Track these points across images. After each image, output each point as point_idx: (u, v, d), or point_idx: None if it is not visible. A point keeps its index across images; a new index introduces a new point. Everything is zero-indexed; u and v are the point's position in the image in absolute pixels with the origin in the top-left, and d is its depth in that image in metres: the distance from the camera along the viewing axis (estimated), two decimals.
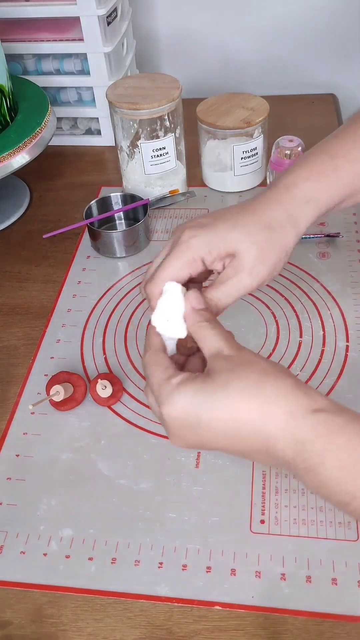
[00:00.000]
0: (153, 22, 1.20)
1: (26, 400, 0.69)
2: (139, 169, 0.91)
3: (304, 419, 0.37)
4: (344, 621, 0.50)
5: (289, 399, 0.38)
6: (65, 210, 0.96)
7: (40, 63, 1.03)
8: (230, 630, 0.50)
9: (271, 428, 0.38)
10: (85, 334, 0.76)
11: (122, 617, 0.52)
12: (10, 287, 0.84)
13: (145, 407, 0.67)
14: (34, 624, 0.52)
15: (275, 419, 0.38)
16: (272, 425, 0.38)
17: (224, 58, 1.23)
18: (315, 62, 1.21)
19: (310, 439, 0.37)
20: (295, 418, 0.38)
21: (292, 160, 0.88)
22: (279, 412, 0.38)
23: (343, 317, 0.74)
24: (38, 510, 0.59)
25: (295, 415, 0.38)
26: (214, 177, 0.95)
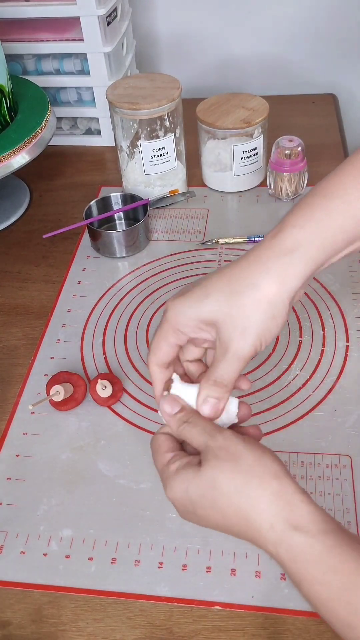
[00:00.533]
0: (153, 22, 1.20)
1: (26, 400, 0.69)
2: (138, 169, 0.91)
3: (283, 533, 0.38)
4: None
5: (271, 510, 0.38)
6: (65, 210, 0.96)
7: (40, 63, 1.03)
8: (230, 630, 0.50)
9: (256, 535, 0.39)
10: (85, 334, 0.76)
11: (122, 617, 0.52)
12: (10, 287, 0.84)
13: (145, 407, 0.67)
14: (34, 624, 0.52)
15: (258, 527, 0.39)
16: (257, 533, 0.39)
17: (224, 58, 1.23)
18: (315, 62, 1.21)
19: (287, 559, 0.38)
20: (275, 531, 0.38)
21: (292, 160, 0.88)
22: (262, 521, 0.38)
23: (343, 317, 0.74)
24: (38, 510, 0.59)
25: (275, 529, 0.38)
26: (213, 177, 0.95)
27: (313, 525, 0.37)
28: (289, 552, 0.37)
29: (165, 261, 0.85)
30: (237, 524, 0.40)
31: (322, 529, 0.37)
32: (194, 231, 0.89)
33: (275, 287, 0.42)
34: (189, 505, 0.41)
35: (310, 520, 0.37)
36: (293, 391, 0.67)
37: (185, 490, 0.41)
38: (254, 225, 0.88)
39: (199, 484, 0.41)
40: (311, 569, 0.36)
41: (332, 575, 0.36)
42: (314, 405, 0.65)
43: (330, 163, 0.98)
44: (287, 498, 0.38)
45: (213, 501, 0.40)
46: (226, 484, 0.39)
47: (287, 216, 0.44)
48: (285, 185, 0.90)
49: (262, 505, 0.38)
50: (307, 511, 0.38)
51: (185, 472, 0.42)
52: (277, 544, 0.38)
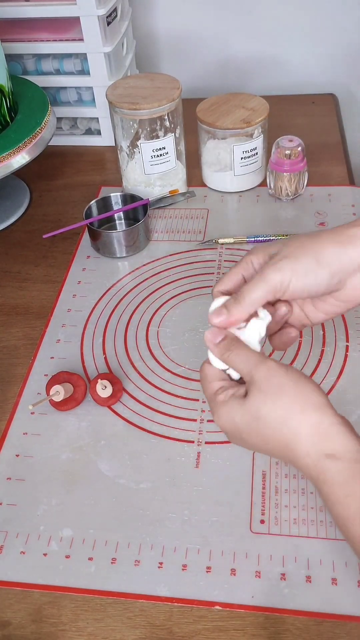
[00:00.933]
0: (153, 22, 1.20)
1: (26, 400, 0.69)
2: (138, 169, 0.91)
3: (317, 460, 0.41)
4: (344, 621, 0.50)
5: (308, 441, 0.42)
6: (65, 210, 0.96)
7: (40, 63, 1.03)
8: (230, 630, 0.50)
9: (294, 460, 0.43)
10: (85, 334, 0.76)
11: (122, 617, 0.52)
12: (10, 287, 0.84)
13: (145, 407, 0.67)
14: (33, 624, 0.52)
15: (297, 454, 0.43)
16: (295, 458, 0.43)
17: (224, 58, 1.23)
18: (315, 62, 1.21)
19: (318, 481, 0.42)
20: (311, 458, 0.42)
21: (292, 160, 0.88)
22: (300, 449, 0.42)
23: (343, 317, 0.74)
24: (38, 510, 0.59)
25: (311, 456, 0.42)
26: (213, 177, 0.95)
27: (345, 454, 0.41)
28: (320, 475, 0.41)
29: (165, 261, 0.85)
30: (278, 449, 0.44)
31: (351, 458, 0.41)
32: (194, 231, 0.89)
33: (333, 244, 0.45)
34: (236, 432, 0.45)
35: (343, 450, 0.41)
36: None
37: (232, 419, 0.45)
38: (254, 225, 0.88)
39: (244, 414, 0.44)
40: (336, 491, 0.41)
41: (352, 499, 0.40)
42: None
43: (330, 163, 0.99)
44: (325, 429, 0.42)
45: (257, 430, 0.43)
46: (269, 415, 0.43)
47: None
48: (285, 185, 0.90)
49: (301, 436, 0.42)
50: (342, 442, 0.41)
51: (232, 402, 0.45)
52: (310, 468, 0.42)
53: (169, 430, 0.64)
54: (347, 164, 0.99)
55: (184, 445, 0.63)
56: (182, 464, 0.61)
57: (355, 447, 0.41)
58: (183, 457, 0.62)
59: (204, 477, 0.60)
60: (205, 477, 0.60)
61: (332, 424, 0.42)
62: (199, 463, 0.61)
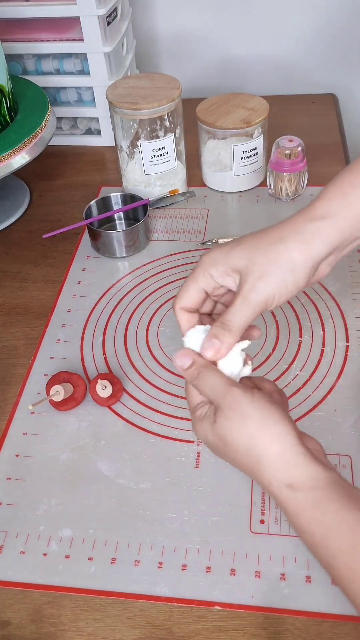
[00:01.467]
0: (153, 22, 1.20)
1: (26, 400, 0.69)
2: (138, 169, 0.91)
3: (279, 490, 0.43)
4: (344, 621, 0.50)
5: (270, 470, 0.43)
6: (65, 210, 0.96)
7: (40, 63, 1.03)
8: (230, 630, 0.50)
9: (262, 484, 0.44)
10: (85, 334, 0.76)
11: (121, 617, 0.52)
12: (10, 287, 0.84)
13: (144, 407, 0.67)
14: (33, 624, 0.52)
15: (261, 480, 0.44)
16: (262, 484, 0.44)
17: (224, 58, 1.23)
18: (315, 62, 1.21)
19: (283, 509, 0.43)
20: (273, 486, 0.43)
21: (292, 160, 0.88)
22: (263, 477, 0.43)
23: (343, 317, 0.74)
24: (38, 510, 0.59)
25: (273, 485, 0.43)
26: (213, 177, 0.95)
27: (303, 483, 0.42)
28: (283, 505, 0.43)
29: (165, 261, 0.85)
30: (249, 473, 0.45)
31: (310, 486, 0.41)
32: (194, 231, 0.89)
33: (300, 245, 0.45)
34: (211, 448, 0.46)
35: (302, 479, 0.42)
36: (293, 391, 0.67)
37: (205, 437, 0.46)
38: (254, 225, 0.88)
39: (214, 437, 0.45)
40: (299, 520, 0.42)
41: (315, 525, 0.41)
42: (313, 405, 0.65)
43: (330, 163, 0.99)
44: (286, 459, 0.42)
45: (227, 453, 0.45)
46: (235, 442, 0.44)
47: (320, 193, 0.47)
48: (285, 185, 0.90)
49: (264, 465, 0.43)
50: (302, 471, 0.42)
51: (206, 421, 0.46)
52: (275, 496, 0.43)
53: (169, 430, 0.64)
54: (347, 164, 0.98)
55: (184, 445, 0.63)
56: (182, 464, 0.61)
57: (315, 474, 0.42)
58: (183, 457, 0.62)
59: (204, 477, 0.60)
60: (205, 477, 0.60)
61: (295, 454, 0.42)
62: (199, 463, 0.61)
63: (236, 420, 0.44)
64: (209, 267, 0.47)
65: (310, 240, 0.45)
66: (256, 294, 0.44)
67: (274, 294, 0.45)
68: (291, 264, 0.44)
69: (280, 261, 0.44)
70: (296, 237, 0.45)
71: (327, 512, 0.41)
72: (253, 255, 0.45)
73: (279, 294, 0.45)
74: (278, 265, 0.44)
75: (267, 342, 0.72)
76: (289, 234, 0.45)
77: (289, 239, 0.45)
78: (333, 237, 0.45)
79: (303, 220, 0.45)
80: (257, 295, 0.45)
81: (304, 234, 0.45)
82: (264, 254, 0.45)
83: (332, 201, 0.45)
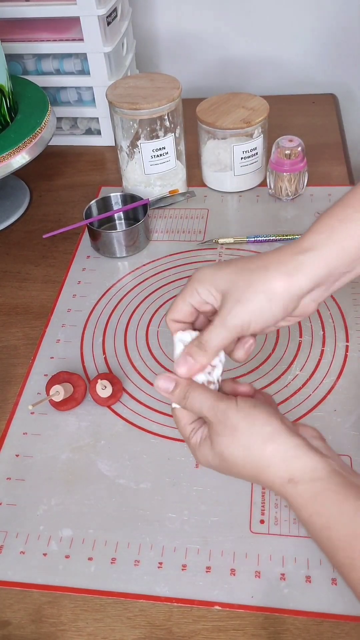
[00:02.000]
0: (153, 22, 1.20)
1: (26, 400, 0.69)
2: (138, 169, 0.91)
3: (281, 487, 0.43)
4: (344, 621, 0.50)
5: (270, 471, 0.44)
6: (65, 210, 0.96)
7: (40, 63, 1.03)
8: (230, 630, 0.50)
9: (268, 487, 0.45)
10: (85, 334, 0.76)
11: (121, 617, 0.52)
12: (10, 287, 0.84)
13: (145, 407, 0.67)
14: (33, 624, 0.52)
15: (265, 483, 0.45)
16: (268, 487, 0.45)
17: (224, 58, 1.23)
18: (315, 62, 1.21)
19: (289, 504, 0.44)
20: (276, 485, 0.44)
21: (292, 160, 0.88)
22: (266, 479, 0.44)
23: (343, 317, 0.74)
24: (38, 510, 0.59)
25: (276, 484, 0.44)
26: (213, 177, 0.95)
27: (303, 475, 0.42)
28: (288, 501, 0.43)
29: (165, 261, 0.85)
30: (253, 480, 0.46)
31: (310, 478, 0.42)
32: (194, 231, 0.89)
33: (282, 276, 0.44)
34: (216, 467, 0.47)
35: (301, 472, 0.42)
36: (293, 391, 0.67)
37: (208, 461, 0.47)
38: (254, 225, 0.88)
39: (214, 456, 0.46)
40: (302, 512, 0.43)
41: (316, 517, 0.42)
42: (314, 405, 0.65)
43: (330, 163, 0.99)
44: (281, 456, 0.43)
45: (229, 468, 0.46)
46: (232, 455, 0.45)
47: (313, 222, 0.47)
48: (285, 185, 0.90)
49: (262, 469, 0.44)
50: (298, 464, 0.43)
51: (204, 445, 0.47)
52: (281, 495, 0.44)
53: (169, 430, 0.64)
54: (347, 164, 0.99)
55: (184, 445, 0.63)
56: (182, 464, 0.61)
57: (313, 464, 0.42)
58: (183, 457, 0.62)
59: (204, 477, 0.60)
60: (205, 477, 0.60)
61: (288, 449, 0.43)
62: None
63: (227, 433, 0.44)
64: (196, 283, 0.47)
65: (293, 272, 0.44)
66: (232, 318, 0.45)
67: (250, 320, 0.45)
68: (270, 293, 0.44)
69: (259, 289, 0.45)
70: (279, 267, 0.45)
71: (327, 504, 0.41)
72: (236, 278, 0.45)
73: (255, 321, 0.45)
74: (256, 293, 0.45)
75: (267, 342, 0.72)
76: (273, 264, 0.45)
77: (272, 268, 0.45)
78: (317, 271, 0.45)
79: (290, 252, 0.45)
80: (233, 319, 0.45)
81: (288, 265, 0.45)
82: (246, 280, 0.45)
83: (319, 234, 0.45)
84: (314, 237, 0.45)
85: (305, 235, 0.46)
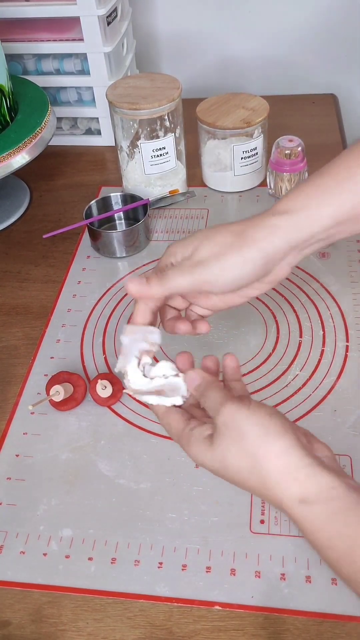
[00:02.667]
0: (153, 22, 1.20)
1: (26, 400, 0.69)
2: (139, 169, 0.91)
3: (291, 508, 0.40)
4: (344, 621, 0.50)
5: (278, 488, 0.40)
6: (65, 210, 0.96)
7: (40, 63, 1.03)
8: (230, 630, 0.50)
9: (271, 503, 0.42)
10: (85, 334, 0.76)
11: (121, 617, 0.52)
12: (10, 287, 0.84)
13: (145, 407, 0.67)
14: (33, 624, 0.52)
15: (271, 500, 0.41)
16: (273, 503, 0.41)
17: (224, 58, 1.23)
18: (315, 62, 1.21)
19: (300, 527, 0.40)
20: (285, 505, 0.40)
21: (292, 160, 0.88)
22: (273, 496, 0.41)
23: (343, 317, 0.74)
24: (38, 510, 0.59)
25: (284, 503, 0.40)
26: (214, 177, 0.95)
27: (317, 495, 0.39)
28: (299, 522, 0.40)
29: None
30: (254, 492, 0.42)
31: (326, 497, 0.39)
32: (194, 231, 0.89)
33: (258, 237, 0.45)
34: (210, 469, 0.44)
35: (316, 491, 0.39)
36: (293, 391, 0.67)
37: (202, 462, 0.44)
38: None
39: (213, 460, 0.43)
40: (319, 536, 0.39)
41: (337, 540, 0.38)
42: (313, 405, 0.65)
43: None
44: (293, 474, 0.40)
45: (230, 476, 0.43)
46: (236, 464, 0.41)
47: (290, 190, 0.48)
48: (285, 185, 0.90)
49: (270, 484, 0.40)
50: (313, 483, 0.39)
51: (202, 443, 0.43)
52: (288, 514, 0.40)
53: None
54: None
55: None
56: (182, 464, 0.61)
57: (328, 484, 0.39)
58: (183, 457, 0.62)
59: (204, 477, 0.60)
60: (205, 477, 0.60)
61: (300, 467, 0.40)
62: None
63: (234, 438, 0.41)
64: (171, 254, 0.48)
65: (268, 235, 0.45)
66: (203, 268, 0.45)
67: (219, 276, 0.45)
68: (246, 252, 0.45)
69: (234, 246, 0.45)
70: (256, 229, 0.45)
71: (349, 524, 0.38)
72: (212, 234, 0.46)
73: (224, 277, 0.45)
74: (232, 250, 0.45)
75: (267, 342, 0.72)
76: (250, 227, 0.46)
77: (249, 230, 0.45)
78: (291, 235, 0.45)
79: (265, 215, 0.46)
80: (204, 270, 0.45)
81: (264, 227, 0.45)
82: (223, 238, 0.46)
83: (294, 200, 0.46)
84: (288, 202, 0.46)
85: (281, 199, 0.47)
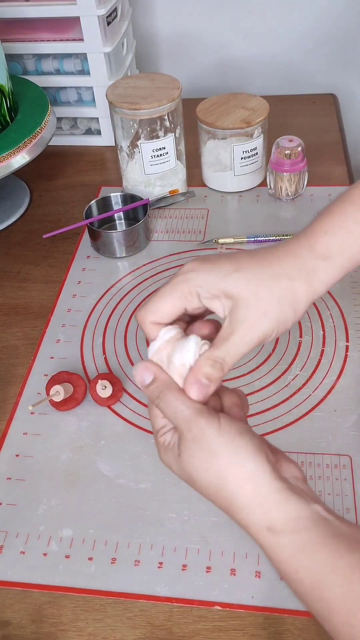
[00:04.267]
0: (153, 22, 1.20)
1: (26, 400, 0.69)
2: (139, 169, 0.91)
3: (257, 534, 0.38)
4: None
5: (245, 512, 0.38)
6: (65, 210, 0.96)
7: (40, 63, 1.03)
8: (230, 630, 0.50)
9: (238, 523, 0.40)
10: (85, 334, 0.76)
11: (121, 617, 0.52)
12: (10, 287, 0.84)
13: (145, 407, 0.67)
14: (33, 624, 0.52)
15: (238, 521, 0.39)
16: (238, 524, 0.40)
17: (224, 58, 1.23)
18: (315, 62, 1.21)
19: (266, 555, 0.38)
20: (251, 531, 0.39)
21: (292, 160, 0.88)
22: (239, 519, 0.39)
23: (343, 317, 0.74)
24: (38, 510, 0.59)
25: (251, 528, 0.39)
26: (213, 177, 0.95)
27: (285, 525, 0.37)
28: (265, 549, 0.38)
29: (165, 261, 0.85)
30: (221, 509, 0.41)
31: (293, 528, 0.37)
32: (194, 231, 0.89)
33: (305, 285, 0.42)
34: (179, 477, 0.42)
35: (283, 520, 0.37)
36: (293, 391, 0.67)
37: (170, 467, 0.42)
38: (254, 225, 0.88)
39: (180, 470, 0.41)
40: (285, 567, 0.37)
41: (304, 574, 0.36)
42: (314, 405, 0.65)
43: (330, 163, 0.99)
44: (261, 499, 0.38)
45: (199, 490, 0.41)
46: (203, 480, 0.40)
47: (318, 219, 0.44)
48: (285, 185, 0.90)
49: (236, 506, 0.39)
50: (279, 512, 0.37)
51: (170, 452, 0.42)
52: (255, 539, 0.39)
53: None
54: (347, 164, 0.99)
55: None
56: None
57: (297, 513, 0.37)
58: None
59: None
60: None
61: (268, 494, 0.38)
62: None
63: (202, 457, 0.39)
64: (198, 286, 0.42)
65: (313, 280, 0.42)
66: (256, 332, 0.41)
67: (274, 331, 0.41)
68: (295, 304, 0.42)
69: (286, 301, 0.41)
70: (301, 275, 0.42)
71: (317, 559, 0.36)
72: (256, 288, 0.41)
73: (277, 331, 0.42)
74: (283, 304, 0.41)
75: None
76: (295, 272, 0.42)
77: (296, 279, 0.42)
78: (334, 277, 0.43)
79: (307, 257, 0.42)
80: (257, 333, 0.41)
81: (309, 272, 0.42)
82: (268, 289, 0.41)
83: (335, 238, 0.43)
84: (330, 241, 0.43)
85: (318, 235, 0.43)
